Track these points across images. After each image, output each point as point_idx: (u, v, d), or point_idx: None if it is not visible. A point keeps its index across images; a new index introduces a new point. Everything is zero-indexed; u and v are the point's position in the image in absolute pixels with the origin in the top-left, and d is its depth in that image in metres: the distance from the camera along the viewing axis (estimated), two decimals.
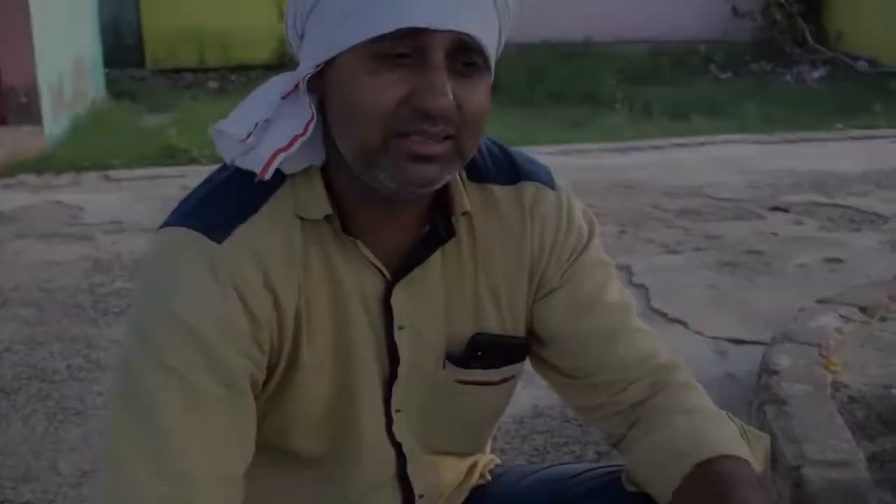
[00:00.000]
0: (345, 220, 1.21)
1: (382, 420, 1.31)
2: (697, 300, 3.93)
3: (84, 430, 2.94)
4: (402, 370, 1.28)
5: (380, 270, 1.24)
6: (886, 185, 5.80)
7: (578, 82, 10.05)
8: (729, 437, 1.25)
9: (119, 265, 4.44)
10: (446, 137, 1.12)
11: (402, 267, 1.25)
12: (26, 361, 3.43)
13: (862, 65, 10.58)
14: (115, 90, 9.80)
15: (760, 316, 3.74)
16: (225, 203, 1.19)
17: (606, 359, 1.31)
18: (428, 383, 1.31)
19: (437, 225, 1.25)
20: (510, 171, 1.32)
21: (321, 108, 1.17)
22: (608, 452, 2.73)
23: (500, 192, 1.30)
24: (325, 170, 1.21)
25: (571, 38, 11.46)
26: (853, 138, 7.24)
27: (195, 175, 6.14)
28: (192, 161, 6.78)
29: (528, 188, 1.32)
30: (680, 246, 4.66)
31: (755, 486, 1.19)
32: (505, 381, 1.36)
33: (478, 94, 1.13)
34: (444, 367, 1.31)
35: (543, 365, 1.38)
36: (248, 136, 1.16)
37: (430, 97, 1.08)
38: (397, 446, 1.33)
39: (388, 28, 1.06)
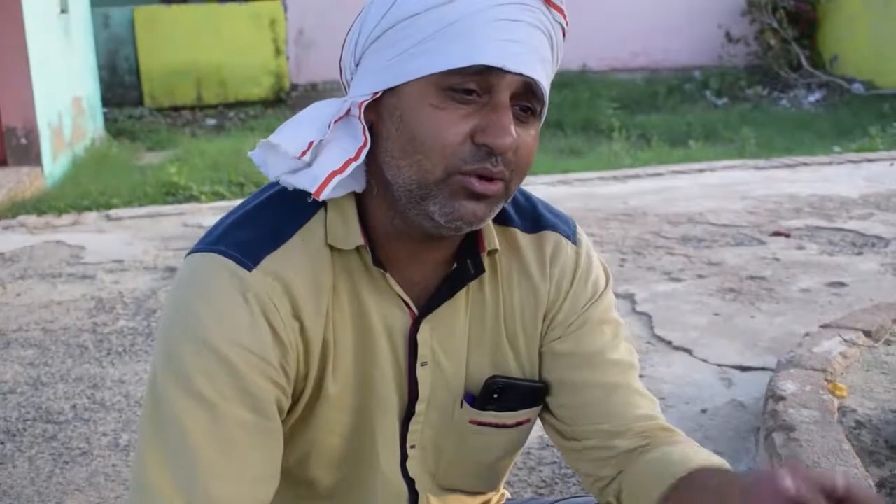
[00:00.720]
0: (375, 252, 1.21)
1: (397, 455, 1.31)
2: (701, 327, 3.92)
3: (90, 470, 2.92)
4: (419, 406, 1.28)
5: (407, 304, 1.24)
6: (886, 207, 5.81)
7: (576, 111, 10.10)
8: (721, 462, 1.23)
9: (121, 304, 4.44)
10: (499, 179, 1.14)
11: (428, 302, 1.25)
12: (31, 402, 3.42)
13: (857, 88, 10.62)
14: (114, 129, 9.84)
15: (765, 342, 3.74)
16: (257, 229, 1.19)
17: (604, 410, 1.30)
18: (443, 421, 1.31)
19: (466, 262, 1.25)
20: (534, 219, 1.33)
21: (371, 133, 1.17)
22: None
23: (522, 237, 1.31)
24: (359, 198, 1.21)
25: (568, 67, 11.52)
26: (851, 161, 7.26)
27: (195, 212, 6.17)
28: (192, 198, 6.80)
29: (549, 238, 1.33)
30: (682, 273, 4.66)
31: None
32: (519, 424, 1.36)
33: (531, 138, 1.16)
34: (460, 407, 1.31)
35: (542, 409, 1.37)
36: (303, 153, 1.16)
37: (497, 134, 1.10)
38: (410, 482, 1.33)
39: (464, 63, 1.08)
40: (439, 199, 1.13)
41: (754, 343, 3.74)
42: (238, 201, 5.99)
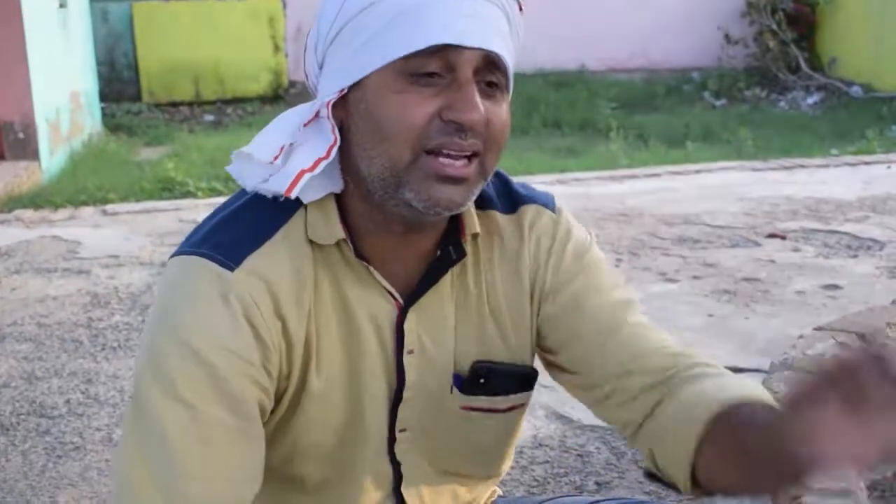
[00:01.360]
0: (357, 245, 1.22)
1: (385, 438, 1.31)
2: (695, 328, 3.93)
3: (83, 464, 2.93)
4: (407, 393, 1.29)
5: (392, 295, 1.25)
6: (882, 210, 5.82)
7: (573, 111, 10.10)
8: (746, 388, 1.15)
9: (117, 299, 4.44)
10: (473, 155, 1.14)
11: (413, 291, 1.26)
12: (25, 397, 3.42)
13: (855, 90, 10.64)
14: (112, 124, 9.84)
15: (759, 343, 3.75)
16: (238, 230, 1.20)
17: (611, 352, 1.27)
18: (435, 407, 1.32)
19: (448, 248, 1.26)
20: (510, 199, 1.34)
21: (342, 133, 1.18)
22: (608, 482, 2.72)
23: (501, 219, 1.32)
24: (339, 198, 1.22)
25: (566, 67, 11.53)
26: (848, 164, 7.27)
27: (192, 208, 6.17)
28: (189, 194, 6.80)
29: (528, 210, 1.34)
30: (677, 274, 4.66)
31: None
32: (512, 408, 1.36)
33: (502, 111, 1.16)
34: (451, 392, 1.32)
35: (553, 368, 1.36)
36: (275, 158, 1.17)
37: (463, 109, 1.11)
38: (396, 465, 1.33)
39: (420, 45, 1.09)
40: (413, 185, 1.13)
41: (748, 344, 3.74)
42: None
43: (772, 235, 5.30)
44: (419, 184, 1.13)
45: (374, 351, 1.25)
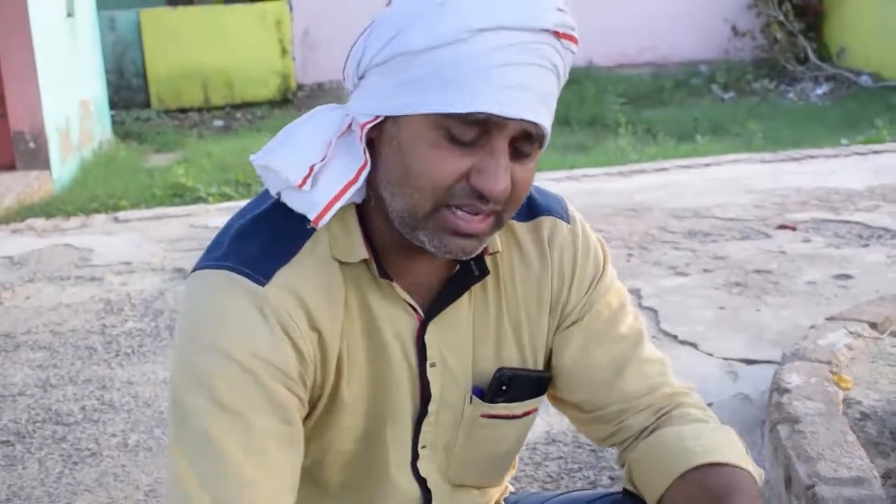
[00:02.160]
0: (379, 261, 1.22)
1: (408, 455, 1.33)
2: (707, 321, 3.93)
3: (99, 471, 2.94)
4: (432, 406, 1.30)
5: (414, 308, 1.26)
6: (893, 199, 5.80)
7: (582, 106, 10.09)
8: (734, 448, 1.28)
9: (129, 306, 4.46)
10: (490, 213, 1.15)
11: (433, 304, 1.27)
12: (40, 404, 3.44)
13: (864, 80, 10.60)
14: (122, 132, 9.87)
15: (770, 335, 3.74)
16: (262, 243, 1.20)
17: (615, 390, 1.35)
18: (454, 419, 1.33)
19: (470, 263, 1.26)
20: (527, 206, 1.34)
21: (371, 150, 1.18)
22: (622, 477, 2.72)
23: (518, 227, 1.33)
24: (360, 209, 1.22)
25: (574, 63, 11.48)
26: (858, 153, 7.24)
27: (203, 214, 6.19)
28: (200, 199, 6.82)
29: (545, 222, 1.35)
30: (688, 268, 4.66)
31: (756, 497, 1.21)
32: (527, 413, 1.39)
33: (529, 172, 1.17)
34: (470, 402, 1.33)
35: (554, 397, 1.42)
36: (304, 180, 1.16)
37: (490, 181, 1.11)
38: (422, 481, 1.35)
39: (463, 109, 1.09)
40: (428, 232, 1.15)
41: (760, 336, 3.74)
42: (244, 202, 5.97)
43: (782, 227, 5.29)
44: (434, 232, 1.15)
45: (399, 364, 1.27)
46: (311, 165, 1.16)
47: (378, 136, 1.16)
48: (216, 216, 6.19)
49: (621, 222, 5.54)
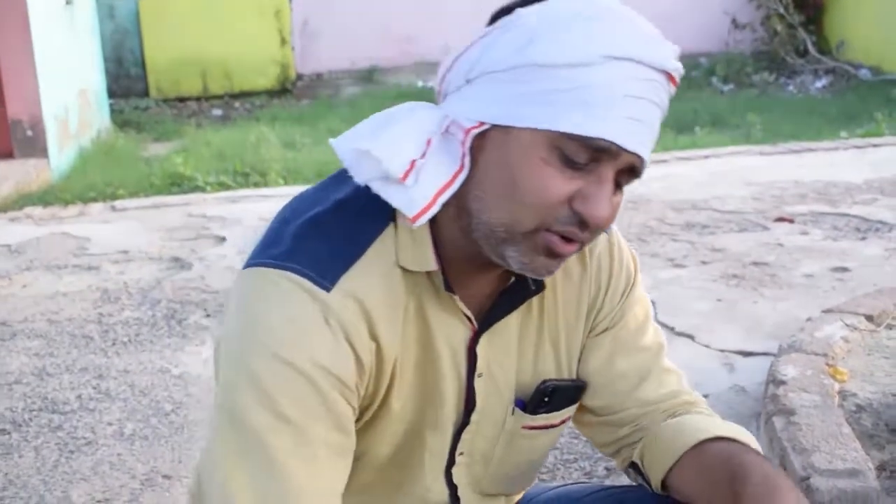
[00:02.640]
0: (444, 273, 1.21)
1: (444, 462, 1.33)
2: (704, 313, 3.93)
3: (95, 459, 2.95)
4: (474, 416, 1.31)
5: (469, 319, 1.25)
6: (891, 192, 5.80)
7: None
8: (737, 430, 1.32)
9: (127, 294, 4.46)
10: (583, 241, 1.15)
11: (488, 315, 1.26)
12: (36, 393, 3.44)
13: (864, 73, 10.58)
14: (120, 120, 9.85)
15: (767, 327, 3.74)
16: (327, 243, 1.16)
17: (634, 398, 1.38)
18: (494, 429, 1.34)
19: (526, 278, 1.26)
20: None
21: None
22: (617, 469, 2.73)
23: None
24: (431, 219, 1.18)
25: None
26: (856, 147, 7.23)
27: (201, 203, 6.18)
28: (198, 189, 6.81)
29: None
30: (686, 259, 4.66)
31: (763, 460, 1.24)
32: (563, 421, 1.40)
33: (619, 206, 1.17)
34: (512, 414, 1.34)
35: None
36: (406, 174, 1.12)
37: (595, 208, 1.11)
38: (452, 488, 1.36)
39: (589, 133, 1.07)
40: (520, 249, 1.13)
41: (757, 328, 3.74)
42: (243, 191, 5.94)
43: (780, 219, 5.29)
44: (526, 251, 1.13)
45: (448, 375, 1.26)
46: (413, 160, 1.12)
47: (479, 144, 1.13)
48: (214, 205, 6.18)
49: (620, 214, 5.52)
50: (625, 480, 2.57)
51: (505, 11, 1.17)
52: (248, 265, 1.18)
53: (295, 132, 8.66)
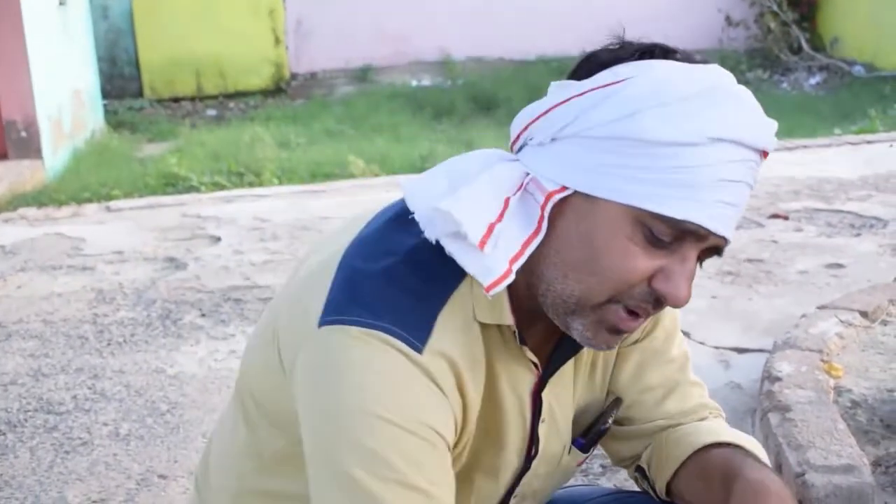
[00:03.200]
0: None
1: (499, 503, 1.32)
2: (699, 311, 3.93)
3: (91, 459, 2.94)
4: (535, 462, 1.29)
5: (536, 366, 1.23)
6: (885, 188, 5.81)
7: None
8: (743, 436, 1.32)
9: (121, 295, 4.45)
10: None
11: (550, 361, 1.25)
12: (32, 393, 3.44)
13: (858, 70, 10.60)
14: (114, 121, 9.84)
15: (762, 324, 3.75)
16: (409, 300, 1.11)
17: (661, 410, 1.38)
18: (550, 467, 1.33)
19: None
20: None
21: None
22: (612, 466, 2.73)
23: None
24: None
25: (567, 54, 11.48)
26: (850, 143, 7.25)
27: (195, 203, 6.18)
28: (192, 189, 6.81)
29: None
30: None
31: (762, 467, 1.25)
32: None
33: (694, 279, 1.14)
34: (569, 453, 1.34)
35: None
36: (484, 240, 1.07)
37: (675, 289, 1.08)
38: None
39: (680, 216, 1.05)
40: (587, 322, 1.12)
41: (752, 325, 3.75)
42: (237, 191, 5.93)
43: (774, 216, 5.29)
44: (591, 325, 1.12)
45: (513, 422, 1.24)
46: (490, 224, 1.08)
47: (559, 209, 1.10)
48: (209, 205, 6.18)
49: None
50: (622, 477, 2.58)
51: (596, 61, 1.14)
52: (327, 322, 1.11)
53: (289, 132, 8.66)
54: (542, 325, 1.21)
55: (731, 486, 1.19)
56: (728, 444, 1.29)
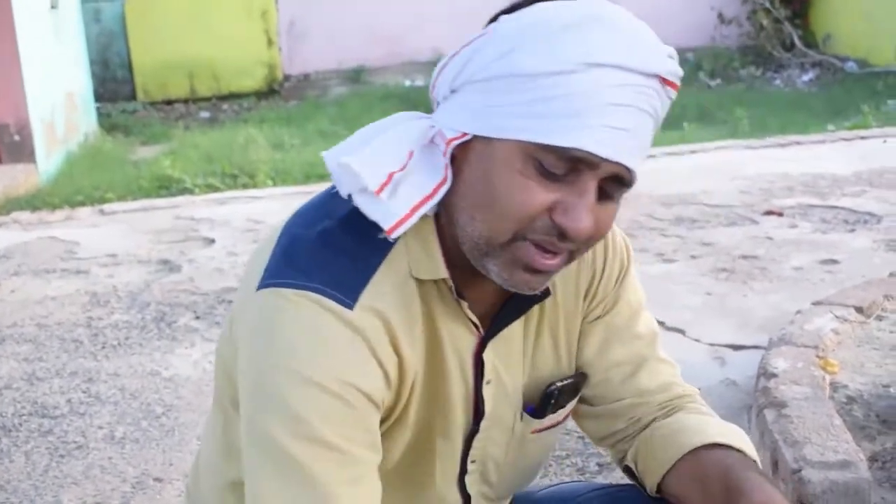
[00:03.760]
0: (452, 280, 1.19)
1: (457, 469, 1.32)
2: (694, 307, 3.93)
3: (86, 463, 2.93)
4: (484, 423, 1.29)
5: (476, 326, 1.24)
6: (879, 184, 5.81)
7: None
8: (733, 434, 1.31)
9: (116, 298, 4.44)
10: (566, 251, 1.12)
11: (493, 323, 1.25)
12: (26, 397, 3.43)
13: (850, 66, 10.61)
14: (108, 124, 9.83)
15: (757, 320, 3.75)
16: (344, 261, 1.14)
17: (630, 387, 1.37)
18: (504, 435, 1.33)
19: None
20: None
21: (451, 167, 1.14)
22: (610, 464, 2.73)
23: None
24: (436, 223, 1.18)
25: None
26: (844, 139, 7.25)
27: (189, 205, 6.17)
28: (186, 191, 6.80)
29: None
30: (675, 254, 4.66)
31: (758, 471, 1.24)
32: (567, 416, 1.40)
33: (611, 214, 1.13)
34: (521, 419, 1.33)
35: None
36: (382, 187, 1.11)
37: (574, 221, 1.08)
38: (466, 496, 1.34)
39: (567, 144, 1.05)
40: (499, 263, 1.12)
41: (747, 322, 3.75)
42: (231, 193, 5.92)
43: (769, 213, 5.29)
44: (504, 264, 1.11)
45: (456, 381, 1.25)
46: (391, 173, 1.11)
47: (462, 155, 1.12)
48: (202, 207, 6.17)
49: None
50: (617, 475, 2.58)
51: (497, 16, 1.15)
52: (263, 286, 1.14)
53: (283, 133, 8.65)
54: (484, 288, 1.21)
55: (733, 501, 1.18)
56: (721, 446, 1.27)
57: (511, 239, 1.10)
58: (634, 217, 5.36)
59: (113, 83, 11.07)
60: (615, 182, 1.10)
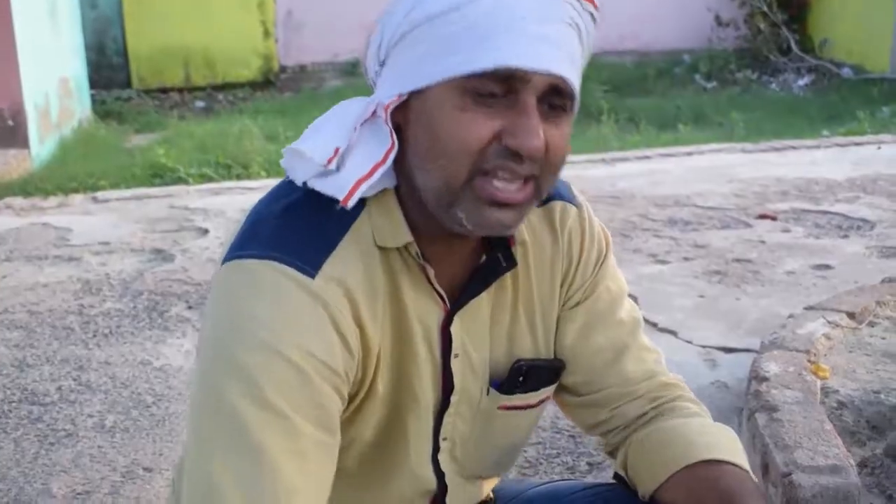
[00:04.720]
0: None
1: (429, 447, 1.32)
2: (686, 309, 3.94)
3: (75, 451, 2.93)
4: (454, 398, 1.29)
5: (442, 298, 1.24)
6: (873, 190, 5.83)
7: None
8: (736, 447, 1.30)
9: (108, 286, 4.43)
10: (528, 179, 1.12)
11: (460, 295, 1.25)
12: (16, 384, 3.41)
13: (846, 72, 10.63)
14: (102, 111, 9.80)
15: (749, 324, 3.75)
16: (307, 233, 1.15)
17: (613, 374, 1.37)
18: (472, 411, 1.33)
19: (497, 255, 1.25)
20: None
21: (399, 136, 1.15)
22: (600, 463, 2.73)
23: (533, 214, 1.30)
24: (397, 194, 1.20)
25: None
26: (838, 145, 7.27)
27: (183, 194, 6.16)
28: (180, 180, 6.79)
29: (556, 206, 1.34)
30: (668, 256, 4.67)
31: (757, 494, 1.23)
32: (541, 402, 1.39)
33: (563, 135, 1.14)
34: (487, 394, 1.33)
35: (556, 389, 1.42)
36: (330, 160, 1.13)
37: (523, 138, 1.08)
38: (440, 475, 1.34)
39: (488, 65, 1.06)
40: (465, 205, 1.12)
41: (739, 325, 3.75)
42: (225, 183, 5.91)
43: (762, 216, 5.30)
44: (471, 205, 1.11)
45: (423, 356, 1.25)
46: (336, 147, 1.14)
47: (404, 118, 1.14)
48: (196, 197, 6.16)
49: (602, 209, 5.54)
50: (608, 475, 2.58)
51: None
52: (227, 259, 1.16)
53: (278, 125, 8.63)
54: (451, 259, 1.23)
55: None
56: (716, 462, 1.26)
57: (469, 178, 1.10)
58: (628, 217, 5.36)
59: (108, 70, 11.03)
60: (556, 95, 1.10)
